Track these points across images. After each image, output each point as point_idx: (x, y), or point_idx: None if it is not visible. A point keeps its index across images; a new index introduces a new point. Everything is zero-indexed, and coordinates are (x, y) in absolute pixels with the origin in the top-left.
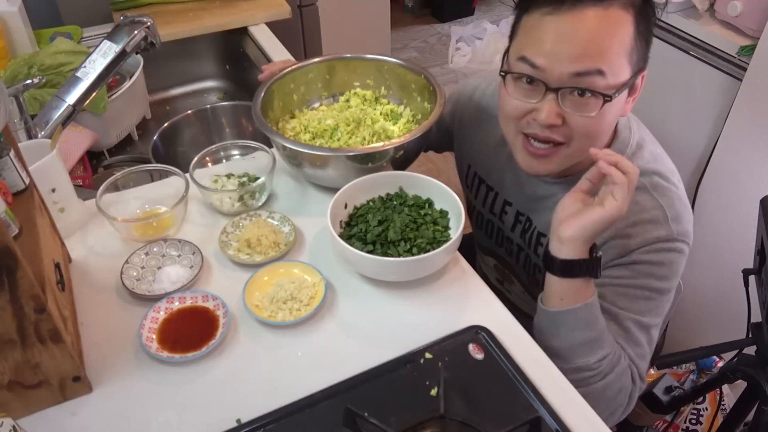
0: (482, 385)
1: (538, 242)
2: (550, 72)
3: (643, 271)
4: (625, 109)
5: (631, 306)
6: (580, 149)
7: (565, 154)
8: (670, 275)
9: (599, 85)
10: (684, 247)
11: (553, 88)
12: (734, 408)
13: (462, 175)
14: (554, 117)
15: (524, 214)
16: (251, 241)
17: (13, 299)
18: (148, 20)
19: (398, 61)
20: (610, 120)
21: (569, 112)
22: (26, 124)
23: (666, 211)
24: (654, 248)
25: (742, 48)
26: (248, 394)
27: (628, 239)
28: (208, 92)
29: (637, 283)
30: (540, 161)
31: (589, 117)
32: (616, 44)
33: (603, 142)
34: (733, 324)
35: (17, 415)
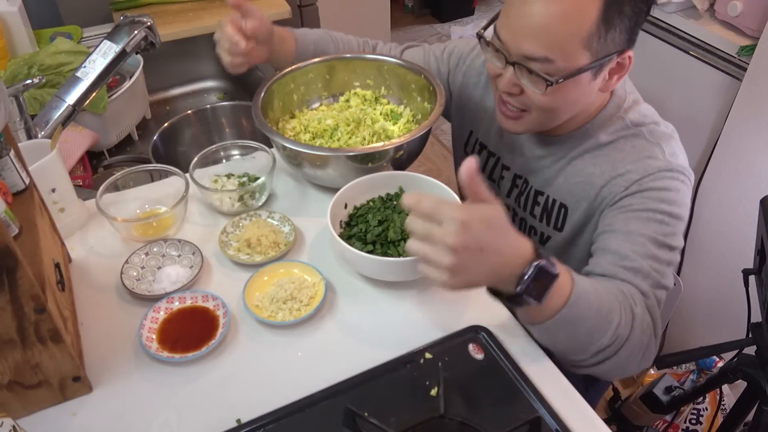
0: (482, 385)
1: (534, 202)
2: (509, 47)
3: (651, 196)
4: (606, 85)
5: (645, 226)
6: (540, 119)
7: (528, 120)
8: (678, 201)
9: (547, 69)
10: (685, 179)
11: (510, 61)
12: (734, 408)
13: (460, 143)
14: (511, 86)
15: (521, 176)
16: (251, 241)
17: (13, 299)
18: (148, 20)
19: (398, 61)
20: (569, 98)
21: (525, 84)
22: (26, 124)
23: (663, 148)
24: (658, 176)
25: (742, 48)
26: (248, 394)
27: (629, 174)
28: (208, 92)
29: (648, 207)
30: (510, 122)
31: (541, 94)
32: (567, 33)
33: (568, 114)
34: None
35: (17, 415)
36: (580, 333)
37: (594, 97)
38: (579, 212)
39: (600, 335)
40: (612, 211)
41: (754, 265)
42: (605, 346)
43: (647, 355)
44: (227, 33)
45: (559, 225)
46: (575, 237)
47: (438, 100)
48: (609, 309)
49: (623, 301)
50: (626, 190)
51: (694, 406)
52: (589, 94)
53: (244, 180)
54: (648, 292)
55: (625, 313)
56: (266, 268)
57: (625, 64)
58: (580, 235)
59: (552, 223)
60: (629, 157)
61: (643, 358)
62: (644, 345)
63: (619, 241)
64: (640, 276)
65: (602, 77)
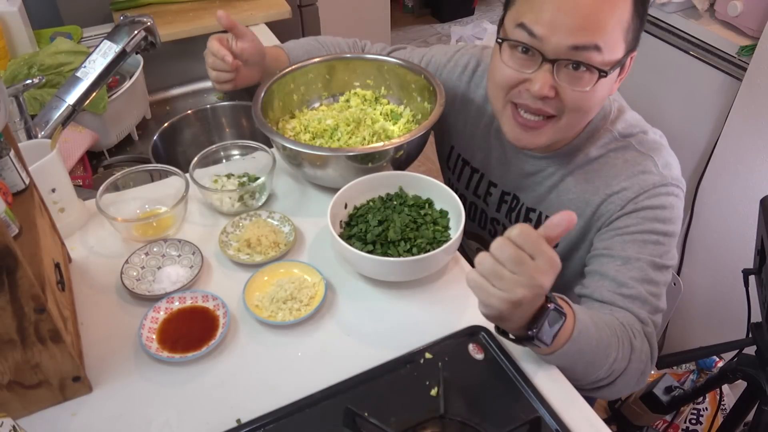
0: (482, 385)
1: (526, 218)
2: (547, 42)
3: (647, 216)
4: (612, 88)
5: (642, 250)
6: (570, 123)
7: (555, 127)
8: (673, 218)
9: (595, 60)
10: (679, 191)
11: (549, 59)
12: (734, 408)
13: (443, 158)
14: (548, 89)
15: (510, 193)
16: (251, 241)
17: (13, 299)
18: (148, 20)
19: (398, 61)
20: (601, 96)
21: (563, 85)
22: (26, 124)
23: (655, 161)
24: (653, 193)
25: (742, 48)
26: (248, 394)
27: (624, 192)
28: (208, 92)
29: (644, 228)
30: (529, 133)
31: (583, 91)
32: (615, 20)
33: (591, 117)
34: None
35: (17, 415)
36: (578, 366)
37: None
38: (574, 230)
39: (597, 369)
40: (608, 231)
41: (754, 265)
42: (601, 378)
43: (642, 379)
44: (213, 48)
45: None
46: (571, 253)
47: (438, 100)
48: (608, 344)
49: (622, 336)
50: (622, 209)
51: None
52: (608, 94)
53: (244, 180)
54: (646, 320)
55: (623, 348)
56: (266, 268)
57: (627, 65)
58: (575, 251)
59: None
60: (623, 173)
61: (638, 383)
62: (640, 372)
63: (617, 266)
64: (639, 303)
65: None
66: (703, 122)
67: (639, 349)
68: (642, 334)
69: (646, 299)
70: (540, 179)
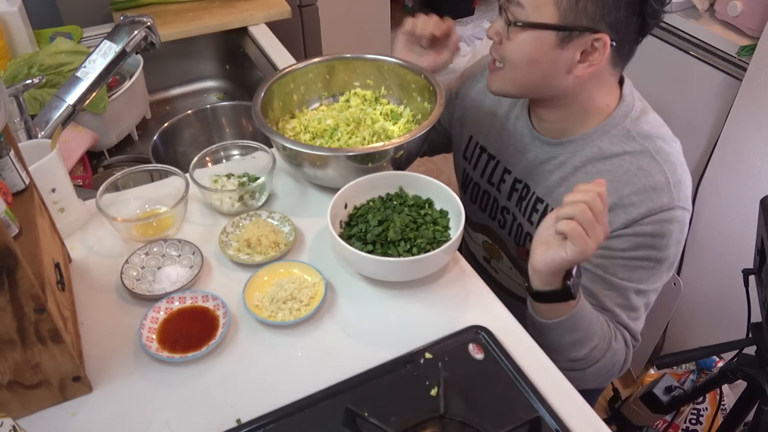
0: (482, 385)
1: (534, 209)
2: None
3: (644, 243)
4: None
5: (632, 276)
6: (511, 74)
7: (501, 75)
8: (670, 245)
9: (518, 14)
10: (685, 215)
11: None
12: (734, 408)
13: (460, 149)
14: (493, 32)
15: (522, 181)
16: (251, 241)
17: (13, 299)
18: (148, 20)
19: (398, 61)
20: (528, 54)
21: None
22: (26, 124)
23: (668, 177)
24: (656, 219)
25: (742, 48)
26: (248, 394)
27: (632, 207)
28: (208, 92)
29: (638, 255)
30: (491, 77)
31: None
32: None
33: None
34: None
35: (17, 415)
36: (566, 339)
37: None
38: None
39: (580, 347)
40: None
41: (754, 265)
42: (578, 358)
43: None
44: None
45: None
46: None
47: (438, 100)
48: (594, 331)
49: (607, 331)
50: (624, 227)
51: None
52: (552, 65)
53: (244, 180)
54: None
55: (605, 340)
56: (266, 268)
57: (600, 50)
58: None
59: None
60: (633, 182)
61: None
62: (606, 371)
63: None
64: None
65: (569, 54)
66: (703, 122)
67: (615, 351)
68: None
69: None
70: (552, 167)
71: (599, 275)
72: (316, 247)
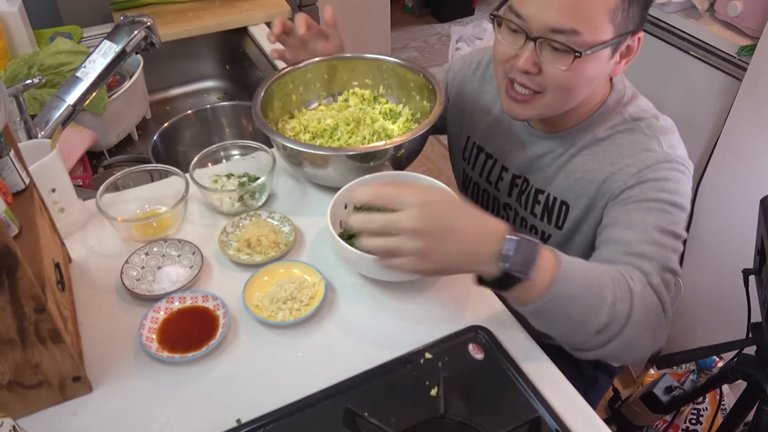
0: (482, 385)
1: (535, 200)
2: (530, 22)
3: (651, 186)
4: (615, 69)
5: (647, 217)
6: (555, 100)
7: (541, 103)
8: (679, 190)
9: (575, 41)
10: (685, 170)
11: (532, 37)
12: (734, 408)
13: (459, 150)
14: (530, 65)
15: (521, 176)
16: (251, 241)
17: (13, 299)
18: (148, 20)
19: (397, 60)
20: (588, 75)
21: (545, 62)
22: (26, 124)
23: (660, 141)
24: (657, 167)
25: (742, 48)
26: (248, 394)
27: (628, 167)
28: (208, 92)
29: (648, 197)
30: (518, 105)
31: (562, 70)
32: (597, 4)
33: (581, 96)
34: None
35: (17, 415)
36: (573, 312)
37: (603, 82)
38: (579, 208)
39: (596, 313)
40: (614, 205)
41: (754, 265)
42: (604, 324)
43: (658, 334)
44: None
45: (560, 223)
46: (573, 234)
47: (438, 99)
48: (601, 285)
49: (617, 278)
50: (625, 183)
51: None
52: (603, 76)
53: (244, 180)
54: (651, 272)
55: (621, 289)
56: (266, 268)
57: (634, 47)
58: (577, 232)
59: (553, 221)
60: (627, 151)
61: (655, 338)
62: (651, 323)
63: (620, 230)
64: (644, 259)
65: (615, 58)
66: (703, 122)
67: (641, 294)
68: (644, 282)
69: (652, 257)
70: (549, 160)
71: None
72: (316, 247)
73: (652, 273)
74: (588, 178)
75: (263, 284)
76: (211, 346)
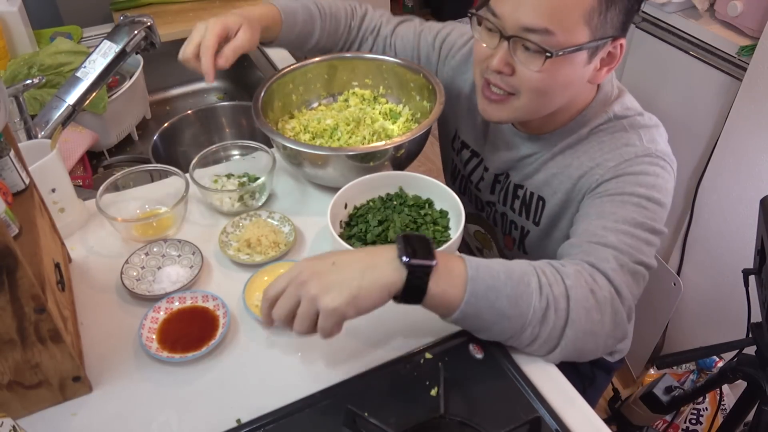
0: (482, 385)
1: (514, 195)
2: (505, 21)
3: (628, 180)
4: (596, 76)
5: (620, 210)
6: (529, 103)
7: (515, 105)
8: (657, 185)
9: (548, 42)
10: (666, 165)
11: (506, 36)
12: (734, 408)
13: (448, 139)
14: (503, 65)
15: (503, 172)
16: (251, 241)
17: (13, 299)
18: (148, 20)
19: (397, 60)
20: (561, 80)
21: (518, 63)
22: (26, 124)
23: (641, 135)
24: (635, 161)
25: (742, 48)
26: (248, 394)
27: (606, 162)
28: (208, 92)
29: (624, 191)
30: (493, 106)
31: (534, 71)
32: (571, 4)
33: (557, 101)
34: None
35: (17, 415)
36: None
37: (582, 88)
38: (554, 204)
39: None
40: (589, 198)
41: (754, 265)
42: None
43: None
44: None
45: (537, 218)
46: (550, 230)
47: (438, 99)
48: (521, 272)
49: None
50: (602, 177)
51: (694, 406)
52: (580, 81)
53: (244, 180)
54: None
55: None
56: (266, 268)
57: (616, 54)
58: (555, 227)
59: (531, 216)
60: (606, 147)
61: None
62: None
63: (590, 221)
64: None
65: (594, 65)
66: (703, 122)
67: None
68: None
69: (617, 246)
70: (532, 160)
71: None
72: (316, 247)
73: (607, 260)
74: (566, 173)
75: (263, 284)
76: (211, 346)
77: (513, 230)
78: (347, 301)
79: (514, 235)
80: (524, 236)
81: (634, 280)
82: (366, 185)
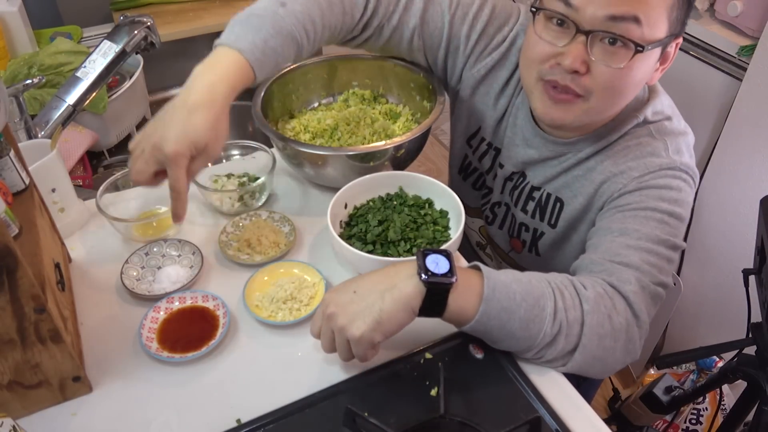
0: (482, 385)
1: (529, 197)
2: (583, 12)
3: (651, 194)
4: (653, 76)
5: (643, 225)
6: (599, 105)
7: (582, 108)
8: (679, 200)
9: (633, 33)
10: (688, 178)
11: (584, 30)
12: (734, 408)
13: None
14: (579, 63)
15: (518, 171)
16: (251, 241)
17: (13, 299)
18: (148, 20)
19: (397, 60)
20: (636, 79)
21: (596, 61)
22: (26, 124)
23: (667, 145)
24: (659, 174)
25: (742, 48)
26: (248, 394)
27: (629, 171)
28: None
29: (647, 206)
30: (559, 108)
31: (616, 68)
32: None
33: (625, 101)
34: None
35: (17, 415)
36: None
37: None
38: (574, 207)
39: (538, 325)
40: (610, 210)
41: (754, 265)
42: (553, 334)
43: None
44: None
45: (553, 221)
46: (569, 232)
47: (438, 99)
48: (539, 295)
49: (560, 286)
50: (625, 187)
51: (694, 406)
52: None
53: (244, 180)
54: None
55: (565, 297)
56: (266, 268)
57: (671, 54)
58: (573, 230)
59: (546, 218)
60: (632, 154)
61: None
62: (618, 332)
63: (612, 237)
64: (629, 268)
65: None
66: (703, 122)
67: (594, 300)
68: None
69: (639, 266)
70: (555, 163)
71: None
72: (316, 247)
73: (629, 281)
74: (588, 177)
75: (263, 284)
76: (211, 346)
77: (523, 231)
78: (372, 328)
79: (524, 238)
80: (538, 238)
81: (653, 302)
82: (366, 185)
